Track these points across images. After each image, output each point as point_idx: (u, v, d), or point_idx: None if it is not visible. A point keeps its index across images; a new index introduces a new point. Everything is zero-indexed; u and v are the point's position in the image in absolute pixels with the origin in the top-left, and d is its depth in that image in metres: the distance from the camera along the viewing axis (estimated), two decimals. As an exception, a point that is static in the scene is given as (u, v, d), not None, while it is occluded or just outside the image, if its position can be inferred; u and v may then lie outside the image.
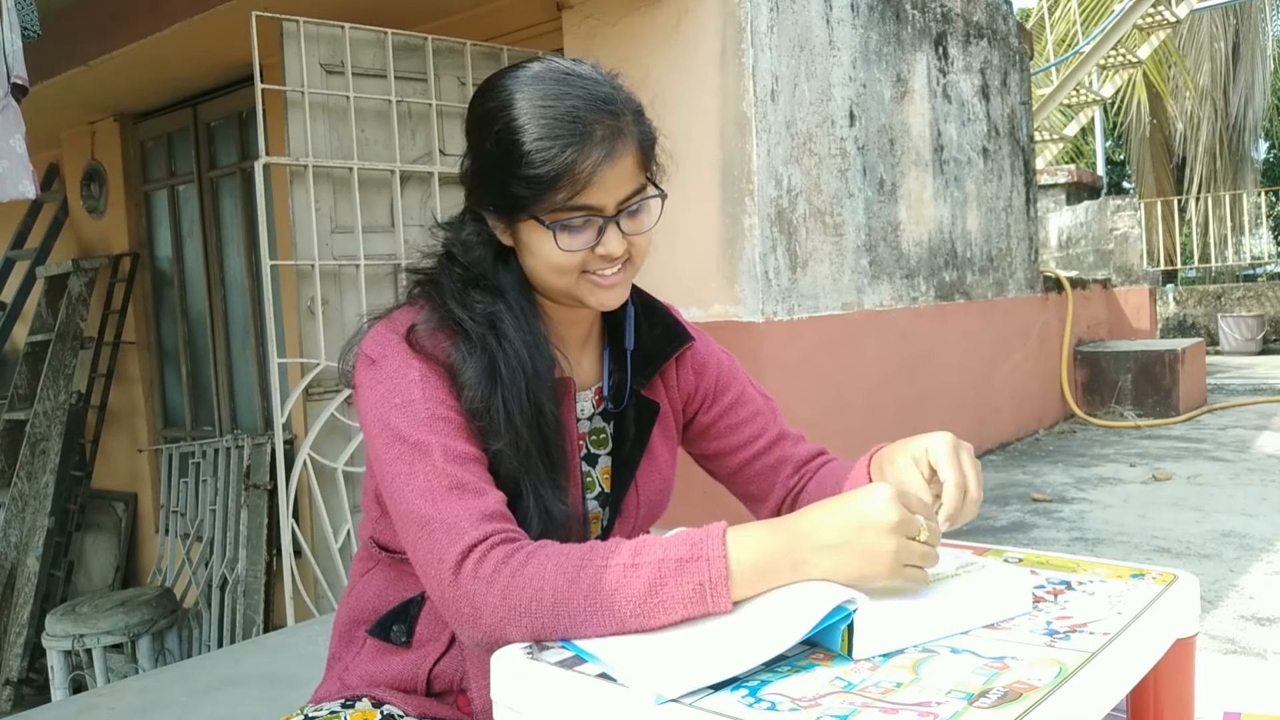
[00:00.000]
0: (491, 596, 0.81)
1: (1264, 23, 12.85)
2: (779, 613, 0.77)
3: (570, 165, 0.90)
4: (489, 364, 0.94)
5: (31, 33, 2.19)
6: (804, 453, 1.15)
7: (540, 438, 0.95)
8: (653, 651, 0.75)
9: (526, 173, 0.91)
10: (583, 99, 0.93)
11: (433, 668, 1.00)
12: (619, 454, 1.07)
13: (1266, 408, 5.67)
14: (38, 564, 5.27)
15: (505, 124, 0.92)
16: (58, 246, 6.37)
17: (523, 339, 0.96)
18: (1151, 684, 0.81)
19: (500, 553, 0.83)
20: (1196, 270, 12.23)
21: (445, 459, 0.89)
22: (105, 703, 2.31)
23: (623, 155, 0.93)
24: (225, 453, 4.99)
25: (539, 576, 0.81)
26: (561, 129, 0.91)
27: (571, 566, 0.81)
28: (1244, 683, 1.99)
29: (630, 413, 1.07)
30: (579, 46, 3.58)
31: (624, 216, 0.96)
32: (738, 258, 3.30)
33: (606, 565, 0.80)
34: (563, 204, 0.92)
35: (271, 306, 3.28)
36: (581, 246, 0.94)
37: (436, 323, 0.96)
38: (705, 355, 1.15)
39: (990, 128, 4.85)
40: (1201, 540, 3.01)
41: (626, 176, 0.95)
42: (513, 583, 0.81)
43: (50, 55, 4.51)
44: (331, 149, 3.43)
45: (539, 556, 0.82)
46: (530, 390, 0.95)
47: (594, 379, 1.09)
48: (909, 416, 3.98)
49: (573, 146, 0.90)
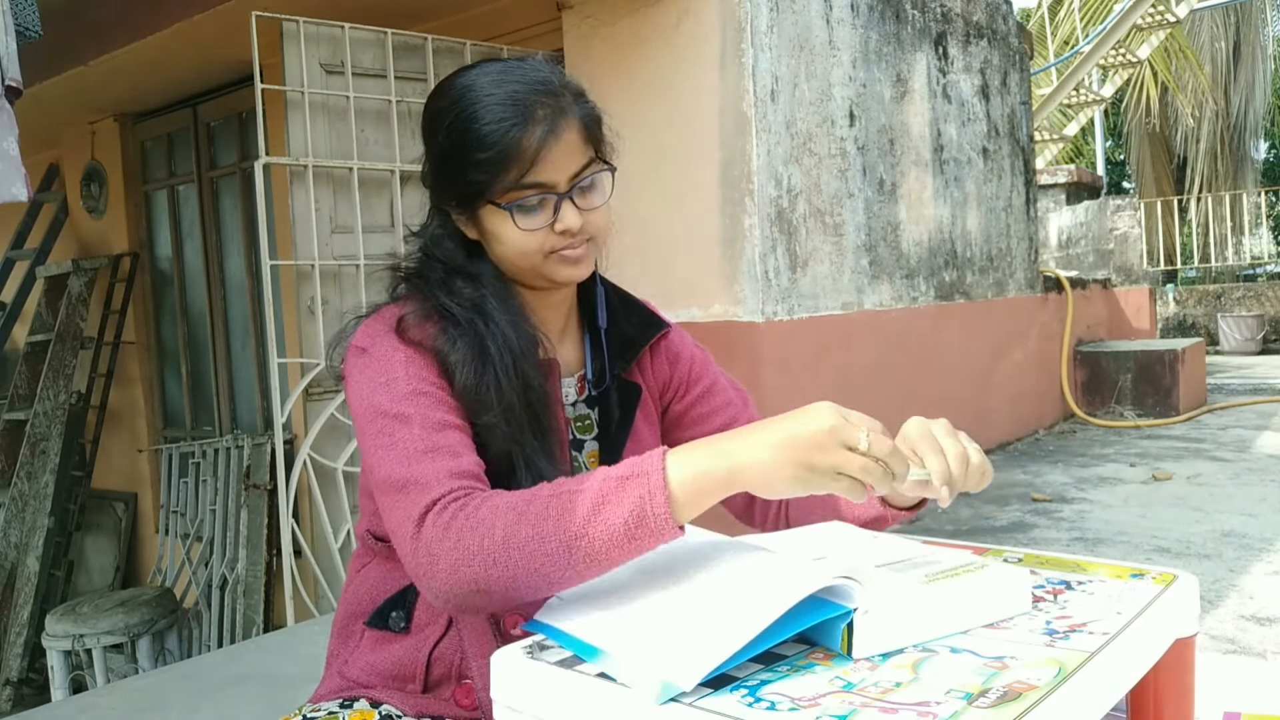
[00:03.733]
0: (446, 542, 0.82)
1: (1264, 23, 12.85)
2: (772, 580, 0.77)
3: (515, 143, 0.95)
4: (478, 344, 0.97)
5: (33, 33, 2.19)
6: None
7: (530, 411, 0.98)
8: (652, 643, 0.74)
9: (477, 157, 0.96)
10: (522, 83, 0.98)
11: (432, 651, 1.00)
12: (605, 437, 1.09)
13: (1266, 408, 5.67)
14: (38, 564, 5.28)
15: (455, 116, 0.98)
16: (58, 246, 6.37)
17: (507, 319, 1.00)
18: (1151, 684, 0.81)
19: (460, 503, 0.85)
20: (1196, 270, 12.23)
21: (424, 427, 0.91)
22: (105, 703, 2.31)
23: (565, 131, 0.98)
24: (225, 453, 4.99)
25: (490, 516, 0.82)
26: (505, 111, 0.96)
27: (521, 501, 0.83)
28: (1244, 683, 1.99)
29: (613, 396, 1.10)
30: (579, 46, 3.58)
31: (577, 192, 0.99)
32: (738, 257, 3.30)
33: (554, 494, 0.82)
34: (515, 183, 0.97)
35: (271, 306, 3.28)
36: (539, 225, 0.98)
37: (424, 312, 0.99)
38: (679, 345, 1.18)
39: (990, 128, 4.86)
40: (1201, 540, 3.01)
41: (573, 152, 0.99)
42: (466, 525, 0.82)
43: (50, 55, 4.51)
44: (331, 149, 3.43)
45: (493, 499, 0.84)
46: (518, 365, 0.98)
47: (575, 366, 1.12)
48: (909, 416, 3.98)
49: (516, 126, 0.95)
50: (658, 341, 1.15)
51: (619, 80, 3.46)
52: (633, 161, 4.22)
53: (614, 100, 3.46)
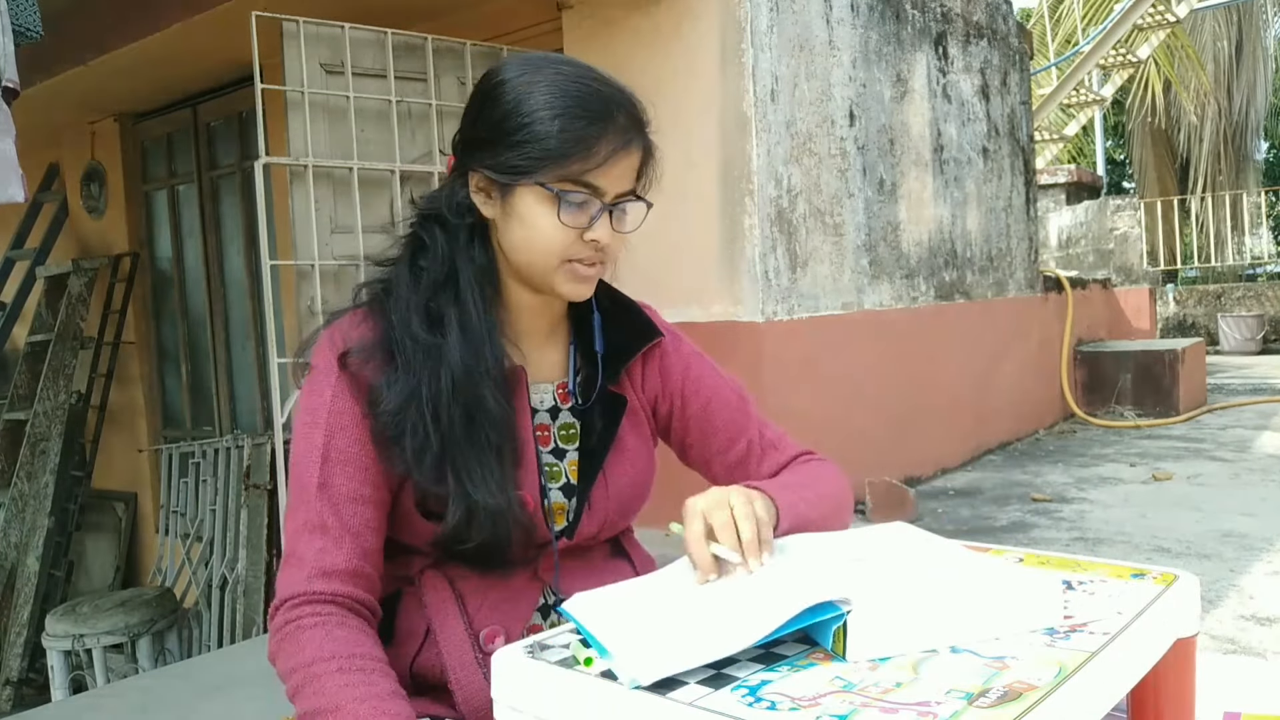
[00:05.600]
0: (280, 653, 0.92)
1: (1265, 23, 12.86)
2: (762, 599, 0.78)
3: (592, 139, 0.94)
4: (412, 390, 0.96)
5: (33, 33, 2.19)
6: (783, 458, 1.14)
7: (473, 430, 0.97)
8: (641, 636, 0.76)
9: (549, 133, 0.94)
10: (610, 88, 0.98)
11: (411, 664, 1.01)
12: (585, 447, 1.08)
13: (1266, 408, 5.67)
14: (38, 564, 5.27)
15: (527, 92, 0.95)
16: (58, 246, 6.36)
17: (471, 336, 0.98)
18: (1152, 684, 0.81)
19: (296, 624, 0.91)
20: (1197, 270, 12.23)
21: (321, 497, 0.95)
22: (105, 703, 2.32)
23: (634, 151, 0.98)
24: (225, 453, 4.99)
25: (300, 654, 0.90)
26: (593, 104, 0.95)
27: (325, 655, 0.89)
28: (1244, 683, 1.99)
29: (596, 407, 1.08)
30: (579, 46, 3.58)
31: (616, 210, 0.99)
32: (738, 258, 3.30)
33: (340, 671, 0.88)
34: (574, 175, 0.95)
35: (271, 306, 3.27)
36: (576, 225, 0.97)
37: (372, 347, 0.98)
38: (674, 356, 1.15)
39: (990, 127, 4.86)
40: (1201, 540, 3.01)
41: (629, 173, 0.99)
42: (290, 649, 0.91)
43: (50, 55, 4.50)
44: (331, 149, 3.43)
45: (314, 639, 0.90)
46: (465, 387, 0.97)
47: (559, 374, 1.10)
48: (909, 416, 3.99)
49: (598, 124, 0.95)
50: (650, 350, 1.13)
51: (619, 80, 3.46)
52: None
53: (614, 100, 3.47)
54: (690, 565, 0.89)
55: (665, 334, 1.15)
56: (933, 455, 4.20)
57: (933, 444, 4.21)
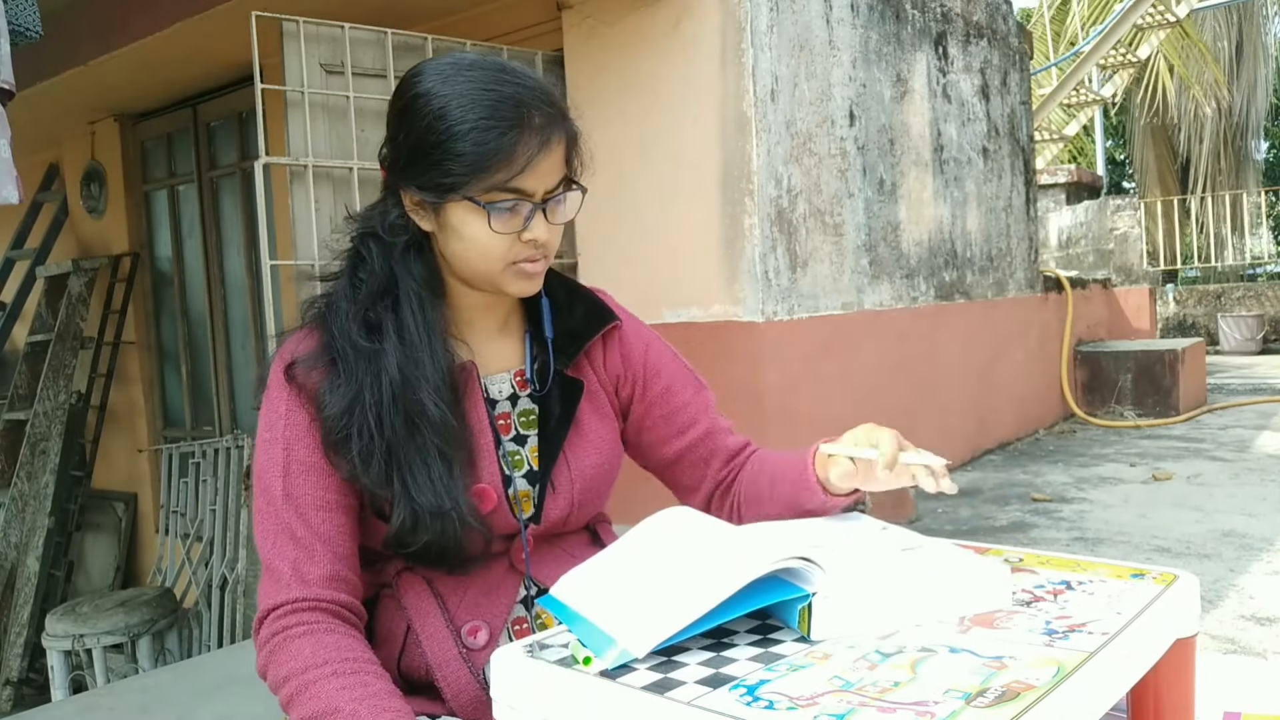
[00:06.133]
0: (270, 664, 0.92)
1: (1265, 22, 12.85)
2: (729, 560, 0.80)
3: (510, 146, 0.95)
4: (354, 395, 0.98)
5: (33, 33, 2.19)
6: (734, 445, 1.17)
7: (415, 435, 0.98)
8: (632, 608, 0.77)
9: (466, 150, 0.95)
10: (523, 87, 0.97)
11: (398, 665, 1.02)
12: (544, 431, 1.09)
13: (1266, 408, 5.66)
14: (38, 564, 5.27)
15: (444, 105, 0.96)
16: (58, 246, 6.37)
17: (409, 343, 1.00)
18: (1152, 684, 0.81)
19: (285, 623, 0.92)
20: (1197, 270, 12.22)
21: (288, 507, 0.96)
22: (105, 703, 2.32)
23: (555, 146, 0.98)
24: (225, 453, 4.99)
25: (287, 660, 0.91)
26: (505, 110, 0.95)
27: (315, 664, 0.89)
28: (1244, 683, 1.99)
29: (554, 391, 1.09)
30: (579, 46, 3.58)
31: (548, 206, 1.00)
32: (738, 258, 3.30)
33: (336, 675, 0.89)
34: (499, 185, 0.96)
35: (271, 306, 3.28)
36: (510, 230, 0.98)
37: (316, 355, 1.00)
38: (633, 339, 1.16)
39: (990, 127, 4.85)
40: (1201, 540, 3.01)
41: (555, 167, 0.99)
42: (270, 658, 0.92)
43: (50, 55, 4.51)
44: (331, 149, 3.43)
45: (302, 649, 0.91)
46: (404, 394, 0.98)
47: (515, 362, 1.11)
48: (909, 416, 3.98)
49: (514, 130, 0.95)
50: (610, 333, 1.14)
51: (619, 80, 3.46)
52: (632, 161, 4.23)
53: (613, 100, 3.47)
54: (655, 526, 0.91)
55: (622, 318, 1.16)
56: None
57: (932, 444, 4.17)
